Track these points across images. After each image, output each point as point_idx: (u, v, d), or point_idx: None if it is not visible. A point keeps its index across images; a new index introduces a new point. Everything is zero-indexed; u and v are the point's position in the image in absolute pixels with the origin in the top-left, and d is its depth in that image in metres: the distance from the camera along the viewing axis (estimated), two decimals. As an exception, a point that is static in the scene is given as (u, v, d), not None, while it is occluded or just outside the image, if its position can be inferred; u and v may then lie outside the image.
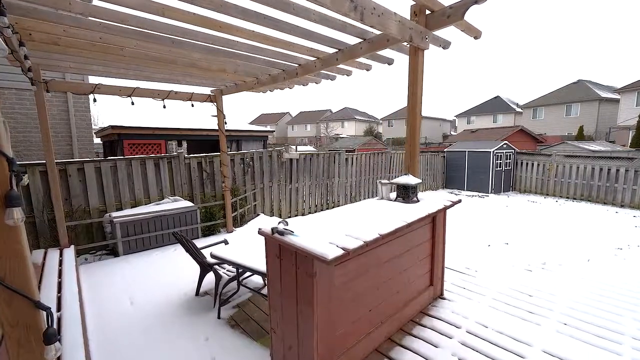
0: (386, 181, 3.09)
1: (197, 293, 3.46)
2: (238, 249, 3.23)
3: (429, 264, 2.95)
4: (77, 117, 7.26)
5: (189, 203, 5.47)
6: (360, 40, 3.12)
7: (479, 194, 12.20)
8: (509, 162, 12.76)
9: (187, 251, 3.30)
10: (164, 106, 4.96)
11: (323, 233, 1.97)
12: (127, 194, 5.34)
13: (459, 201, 2.95)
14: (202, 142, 11.16)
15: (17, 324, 1.13)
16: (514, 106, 34.17)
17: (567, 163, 11.32)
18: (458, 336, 2.51)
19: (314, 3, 2.01)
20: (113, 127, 8.71)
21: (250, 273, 3.20)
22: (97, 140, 11.20)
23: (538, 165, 12.19)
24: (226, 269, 3.92)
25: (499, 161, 12.35)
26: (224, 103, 5.68)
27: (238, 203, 6.59)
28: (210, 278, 3.60)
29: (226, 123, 5.79)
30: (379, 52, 3.39)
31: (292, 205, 8.10)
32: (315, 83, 4.83)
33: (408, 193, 2.82)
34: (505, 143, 12.65)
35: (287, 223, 1.98)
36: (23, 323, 1.14)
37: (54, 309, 2.56)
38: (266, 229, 1.95)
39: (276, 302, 2.11)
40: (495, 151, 12.09)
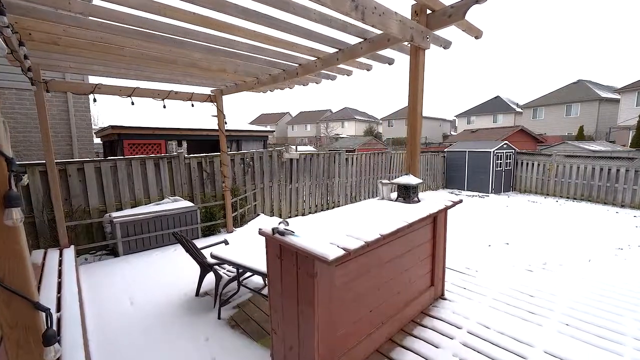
0: (387, 181, 3.08)
1: (197, 293, 3.45)
2: (238, 249, 3.22)
3: (430, 264, 2.94)
4: (77, 117, 7.25)
5: (189, 203, 5.46)
6: (360, 40, 3.11)
7: (479, 194, 12.19)
8: (509, 162, 12.75)
9: (187, 251, 3.30)
10: (164, 106, 4.95)
11: (324, 233, 1.96)
12: (127, 194, 5.34)
13: (460, 201, 2.94)
14: (202, 142, 11.16)
15: (16, 325, 1.12)
16: (514, 106, 34.17)
17: (568, 163, 11.32)
18: (459, 337, 2.50)
19: (315, 2, 2.01)
20: (113, 127, 8.70)
21: (250, 273, 3.19)
22: (97, 140, 11.20)
23: (538, 165, 12.19)
24: (226, 269, 3.92)
25: (499, 161, 12.35)
26: (224, 103, 5.68)
27: (238, 203, 6.58)
28: (210, 278, 3.59)
29: (226, 123, 5.78)
30: (380, 52, 3.39)
31: (292, 205, 8.09)
32: (315, 83, 4.82)
33: (409, 193, 2.81)
34: (505, 143, 12.65)
35: (288, 223, 1.97)
36: (22, 324, 1.13)
37: (54, 310, 2.55)
38: (267, 229, 1.95)
39: (277, 303, 2.11)
40: (495, 151, 12.09)
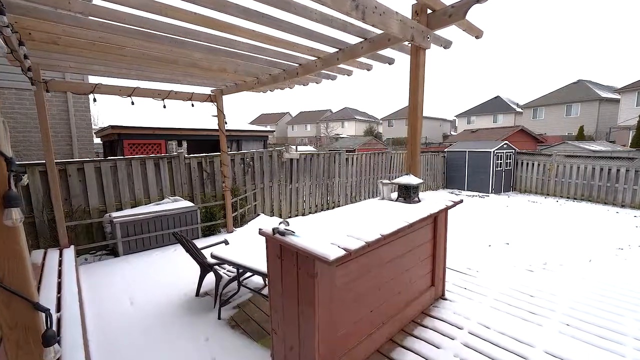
0: (387, 181, 3.07)
1: (198, 293, 3.45)
2: (238, 249, 3.22)
3: (431, 264, 2.93)
4: (77, 117, 7.25)
5: (189, 203, 5.45)
6: (361, 39, 3.11)
7: (480, 194, 12.19)
8: (510, 162, 12.75)
9: (187, 251, 3.29)
10: (164, 106, 4.95)
11: (324, 233, 1.96)
12: (127, 194, 5.33)
13: (461, 201, 2.94)
14: (202, 142, 11.15)
15: (16, 326, 1.12)
16: (514, 106, 34.16)
17: (568, 163, 11.31)
18: (460, 337, 2.50)
19: (316, 2, 2.00)
20: (113, 127, 8.70)
21: (250, 273, 3.19)
22: (97, 140, 11.19)
23: (538, 165, 12.18)
24: (226, 269, 3.91)
25: (500, 161, 12.34)
26: (224, 103, 5.67)
27: (238, 203, 6.58)
28: (210, 278, 3.59)
29: (226, 123, 5.77)
30: (380, 52, 3.38)
31: (293, 205, 8.09)
32: (315, 83, 4.81)
33: (409, 193, 2.81)
34: (505, 143, 12.64)
35: (288, 223, 1.97)
36: (22, 325, 1.13)
37: (54, 310, 2.54)
38: (267, 230, 1.94)
39: (277, 303, 2.10)
40: (495, 151, 12.08)
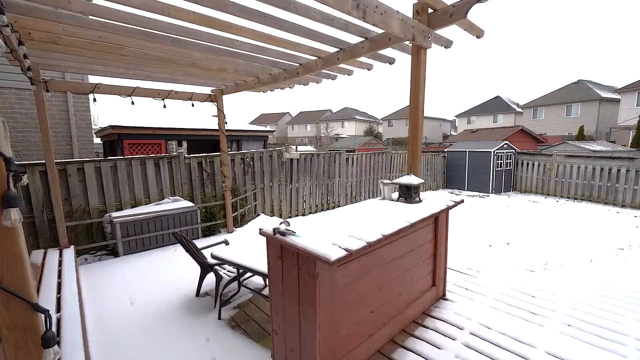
0: (388, 181, 3.06)
1: (198, 293, 3.44)
2: (239, 250, 3.21)
3: (432, 265, 2.93)
4: (77, 117, 7.24)
5: (189, 203, 5.45)
6: (362, 39, 3.10)
7: (480, 194, 12.18)
8: (510, 162, 12.74)
9: (188, 251, 3.28)
10: (164, 106, 4.94)
11: (325, 234, 1.95)
12: (127, 194, 5.32)
13: (462, 201, 2.93)
14: (202, 142, 11.14)
15: (15, 327, 1.11)
16: (514, 106, 34.16)
17: (568, 163, 11.30)
18: (461, 337, 2.49)
19: (317, 1, 1.99)
20: (113, 127, 8.69)
21: (251, 274, 3.18)
22: (97, 140, 11.18)
23: (539, 165, 12.17)
24: (227, 270, 3.90)
25: (500, 161, 12.33)
26: (224, 103, 5.66)
27: (238, 203, 6.57)
28: (210, 279, 3.58)
29: (226, 123, 5.76)
30: (381, 51, 3.37)
31: (293, 205, 8.08)
32: (316, 82, 4.81)
33: (410, 193, 2.80)
34: (505, 143, 12.63)
35: (289, 223, 1.96)
36: (21, 326, 1.12)
37: (54, 310, 2.53)
38: (268, 230, 1.93)
39: (278, 303, 2.09)
40: (495, 151, 12.07)
